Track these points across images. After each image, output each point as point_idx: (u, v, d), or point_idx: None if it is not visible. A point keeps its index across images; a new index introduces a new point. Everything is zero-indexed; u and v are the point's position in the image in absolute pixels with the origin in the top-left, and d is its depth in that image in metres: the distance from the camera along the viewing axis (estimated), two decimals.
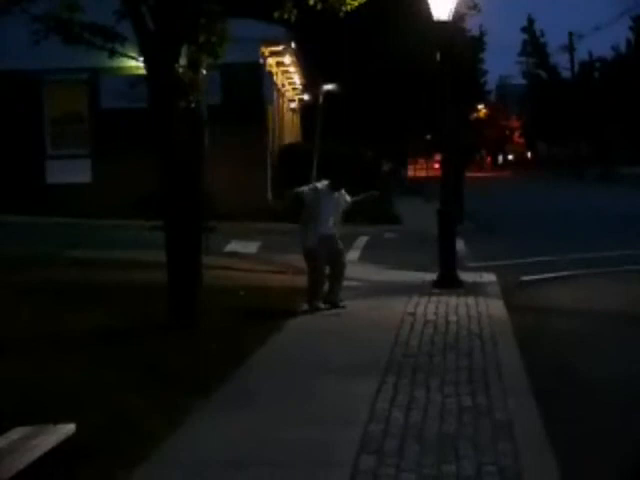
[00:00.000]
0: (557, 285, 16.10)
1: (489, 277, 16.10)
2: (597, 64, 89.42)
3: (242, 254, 19.44)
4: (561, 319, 13.03)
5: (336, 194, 12.89)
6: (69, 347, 10.05)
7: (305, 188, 13.13)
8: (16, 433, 5.94)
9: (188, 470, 6.47)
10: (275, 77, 31.65)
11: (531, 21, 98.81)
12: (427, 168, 63.67)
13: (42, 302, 12.58)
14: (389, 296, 14.12)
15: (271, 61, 30.01)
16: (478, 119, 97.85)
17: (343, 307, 12.74)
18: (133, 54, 11.79)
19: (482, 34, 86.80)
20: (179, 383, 8.68)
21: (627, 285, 15.79)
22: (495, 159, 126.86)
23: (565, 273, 17.08)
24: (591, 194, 46.56)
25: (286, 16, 12.50)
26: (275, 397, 8.38)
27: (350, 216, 15.12)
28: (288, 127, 38.49)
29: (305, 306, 12.74)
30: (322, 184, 13.12)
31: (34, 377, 8.64)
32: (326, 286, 12.90)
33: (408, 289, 14.47)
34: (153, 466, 6.55)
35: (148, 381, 8.71)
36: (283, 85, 36.24)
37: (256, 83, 26.96)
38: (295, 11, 12.42)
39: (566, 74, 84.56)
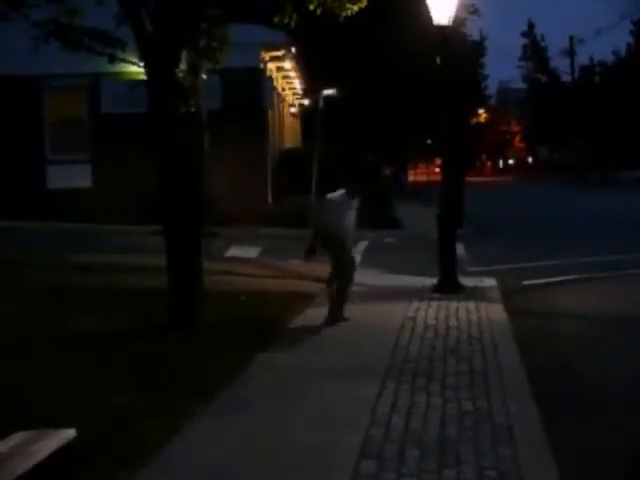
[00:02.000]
0: (558, 289, 16.09)
1: (489, 281, 16.09)
2: (598, 68, 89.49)
3: (242, 259, 19.44)
4: (562, 323, 13.02)
5: (350, 202, 12.18)
6: (70, 349, 10.07)
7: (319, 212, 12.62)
8: (16, 438, 5.94)
9: (188, 474, 6.46)
10: (275, 82, 31.66)
11: (531, 25, 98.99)
12: (427, 172, 63.65)
13: (43, 305, 12.60)
14: (389, 301, 14.11)
15: (271, 66, 30.03)
16: (479, 123, 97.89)
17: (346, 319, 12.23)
18: (133, 59, 11.79)
19: (482, 39, 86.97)
20: (180, 387, 8.67)
21: (629, 288, 15.79)
22: (496, 164, 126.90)
23: (566, 277, 17.08)
24: (592, 198, 46.58)
25: (286, 21, 12.51)
26: (275, 401, 8.37)
27: None
28: (288, 132, 38.50)
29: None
30: (338, 193, 12.31)
31: (35, 379, 8.66)
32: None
33: (408, 293, 14.46)
34: (154, 470, 6.53)
35: (149, 385, 8.70)
36: (283, 90, 36.26)
37: (256, 88, 26.94)
38: (295, 16, 12.43)
39: (566, 78, 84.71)
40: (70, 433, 6.13)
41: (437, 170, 56.13)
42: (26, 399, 7.89)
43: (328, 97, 30.36)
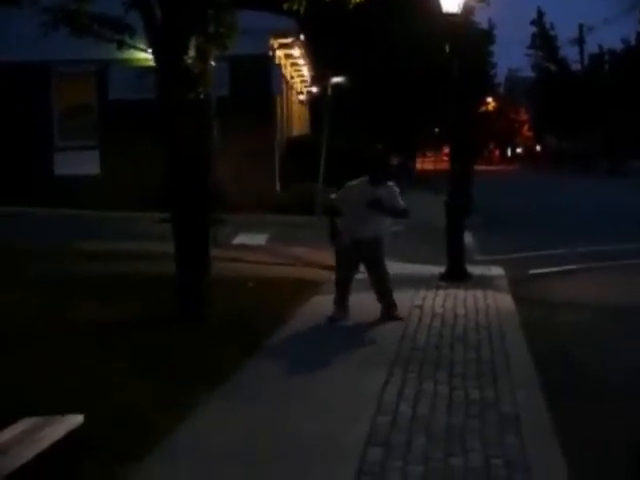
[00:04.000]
0: (565, 278, 16.07)
1: (497, 270, 16.09)
2: (607, 57, 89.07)
3: (250, 246, 19.44)
4: (569, 312, 13.01)
5: (377, 190, 11.57)
6: (75, 338, 10.04)
7: (336, 194, 11.98)
8: (24, 424, 5.94)
9: (193, 464, 6.44)
10: (284, 69, 31.61)
11: (541, 14, 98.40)
12: (436, 161, 63.61)
13: (49, 293, 12.60)
14: (396, 289, 13.94)
15: (280, 53, 29.97)
16: (487, 112, 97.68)
17: (400, 318, 11.58)
18: (142, 46, 11.77)
19: (491, 27, 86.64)
20: (185, 376, 8.65)
21: (637, 278, 15.75)
22: (504, 152, 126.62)
23: (573, 266, 17.06)
24: (599, 188, 46.48)
25: (295, 7, 12.47)
26: (281, 389, 8.36)
27: None
28: (296, 119, 38.46)
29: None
30: (359, 180, 11.73)
31: (39, 369, 8.64)
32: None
33: (416, 282, 14.45)
34: (158, 459, 6.51)
35: (154, 373, 8.68)
36: (291, 77, 36.20)
37: (264, 75, 26.91)
38: (304, 2, 12.39)
39: (576, 67, 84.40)
40: (78, 419, 6.12)
41: (445, 158, 56.15)
42: (30, 388, 7.85)
43: (336, 85, 30.36)
